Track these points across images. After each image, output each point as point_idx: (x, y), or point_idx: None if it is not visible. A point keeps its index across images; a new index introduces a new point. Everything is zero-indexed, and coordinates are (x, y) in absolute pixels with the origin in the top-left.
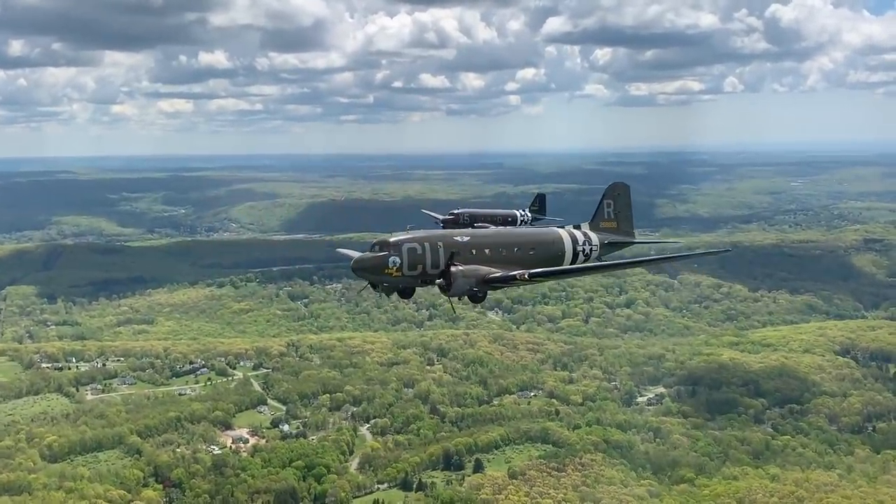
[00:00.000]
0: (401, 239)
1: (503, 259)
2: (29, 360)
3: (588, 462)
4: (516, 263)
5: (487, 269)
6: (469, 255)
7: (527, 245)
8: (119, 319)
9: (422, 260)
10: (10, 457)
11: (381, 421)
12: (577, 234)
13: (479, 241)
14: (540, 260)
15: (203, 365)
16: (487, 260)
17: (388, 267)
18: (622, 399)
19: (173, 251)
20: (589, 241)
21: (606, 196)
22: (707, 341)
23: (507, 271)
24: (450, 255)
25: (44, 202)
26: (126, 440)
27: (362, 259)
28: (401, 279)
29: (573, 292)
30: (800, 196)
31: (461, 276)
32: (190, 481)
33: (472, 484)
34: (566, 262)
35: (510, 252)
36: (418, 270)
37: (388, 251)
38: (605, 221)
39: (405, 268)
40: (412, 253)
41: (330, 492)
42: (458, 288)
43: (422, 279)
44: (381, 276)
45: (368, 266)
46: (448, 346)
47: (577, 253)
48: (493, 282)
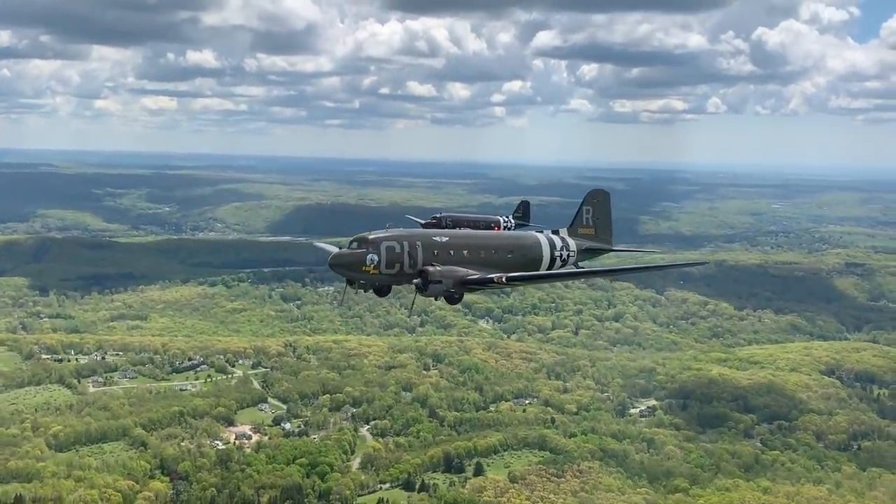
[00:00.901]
0: (379, 237)
1: (481, 261)
2: (29, 350)
3: (586, 469)
4: (494, 266)
5: (465, 271)
6: (447, 255)
7: (505, 248)
8: (112, 314)
9: (400, 259)
10: (17, 445)
11: (381, 423)
12: (556, 239)
13: (458, 242)
14: (517, 263)
15: (202, 362)
16: (465, 261)
17: (365, 264)
18: (615, 410)
19: (162, 248)
20: (567, 247)
21: (586, 202)
22: (696, 357)
23: (485, 273)
24: (418, 250)
25: (26, 194)
26: (131, 432)
27: (340, 255)
28: (378, 277)
29: (563, 304)
30: (780, 218)
31: (438, 276)
32: (196, 474)
33: (475, 486)
34: (543, 266)
35: (488, 254)
36: (396, 269)
37: (367, 248)
38: (583, 228)
39: (383, 266)
40: (390, 251)
41: (335, 489)
42: (435, 288)
43: (399, 278)
44: (358, 274)
45: (346, 263)
46: (443, 352)
47: (554, 258)
48: (471, 283)
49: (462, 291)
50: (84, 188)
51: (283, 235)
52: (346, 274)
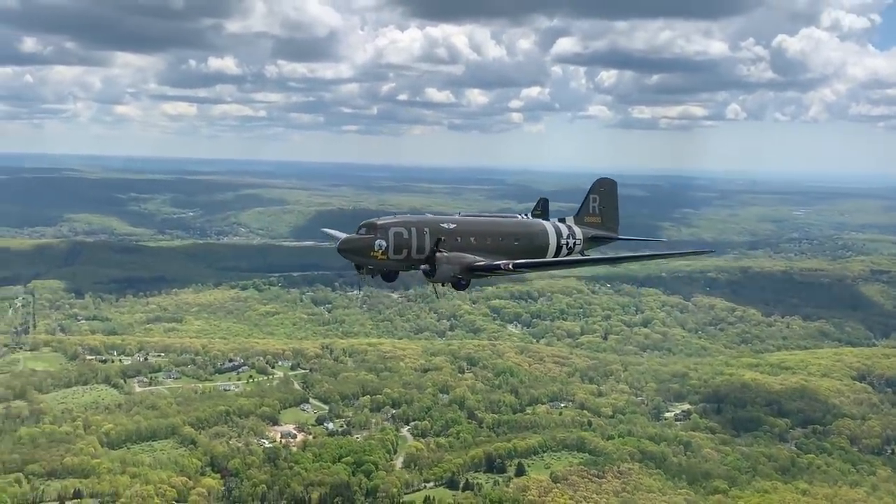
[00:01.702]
0: (388, 222)
1: (488, 248)
2: (74, 351)
3: (626, 470)
4: (501, 253)
5: (472, 258)
6: (455, 241)
7: (512, 235)
8: (148, 317)
9: (408, 244)
10: (70, 442)
11: (420, 423)
12: (562, 227)
13: (466, 228)
14: (524, 250)
15: (243, 363)
16: (473, 248)
17: (374, 250)
18: (650, 413)
19: (190, 253)
20: (573, 235)
21: (592, 191)
22: (727, 362)
23: (492, 260)
24: (436, 241)
25: (52, 199)
26: (180, 431)
27: (349, 241)
28: (386, 262)
29: (591, 309)
30: (802, 225)
31: (446, 262)
32: (246, 471)
33: (519, 486)
34: (550, 254)
35: (495, 241)
36: (403, 255)
37: (375, 234)
38: (589, 216)
39: (391, 251)
40: (398, 237)
41: (381, 487)
42: (443, 274)
43: (407, 263)
44: (366, 259)
45: (355, 248)
46: (476, 355)
47: (560, 246)
48: (478, 270)
49: (469, 277)
50: (108, 193)
51: (307, 240)
52: (355, 259)
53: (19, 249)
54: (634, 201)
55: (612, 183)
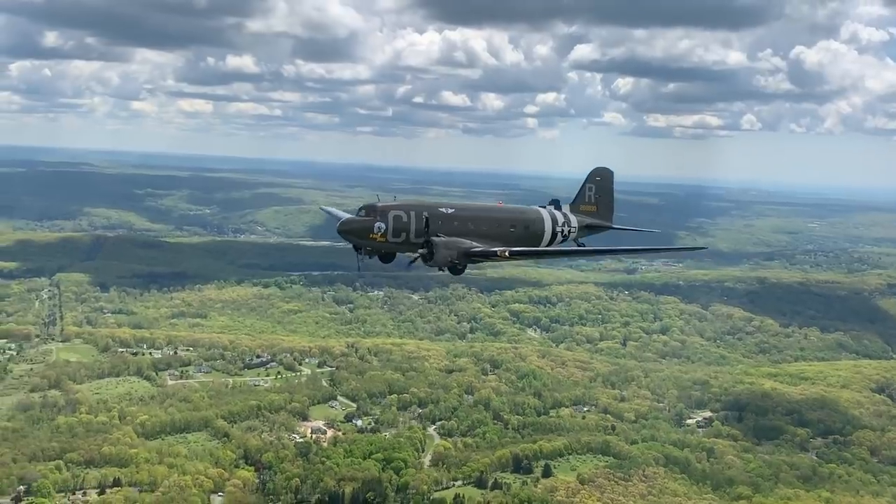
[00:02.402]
0: (387, 205)
1: (484, 233)
2: (105, 343)
3: (651, 474)
4: (497, 239)
5: (469, 243)
6: (452, 226)
7: (508, 221)
8: (173, 312)
9: (406, 227)
10: (107, 432)
11: (447, 423)
12: (558, 214)
13: (463, 214)
14: (520, 237)
15: (271, 359)
16: (470, 233)
17: (373, 232)
18: (673, 420)
19: (210, 249)
20: (568, 223)
21: (589, 180)
22: (746, 371)
23: (489, 246)
24: (425, 222)
25: (70, 193)
26: (213, 424)
27: (349, 222)
28: (384, 245)
29: (609, 315)
30: (817, 237)
31: (443, 247)
32: (280, 465)
33: (547, 487)
34: (545, 241)
35: (491, 227)
36: (402, 238)
37: (375, 217)
38: (585, 205)
39: (389, 234)
40: (398, 220)
41: (412, 484)
42: (440, 259)
43: (405, 246)
44: (365, 241)
45: (354, 230)
46: (499, 358)
47: (556, 233)
48: (475, 256)
49: (466, 263)
50: (125, 188)
51: (324, 240)
52: (354, 240)
53: (42, 242)
54: (649, 209)
55: (609, 172)
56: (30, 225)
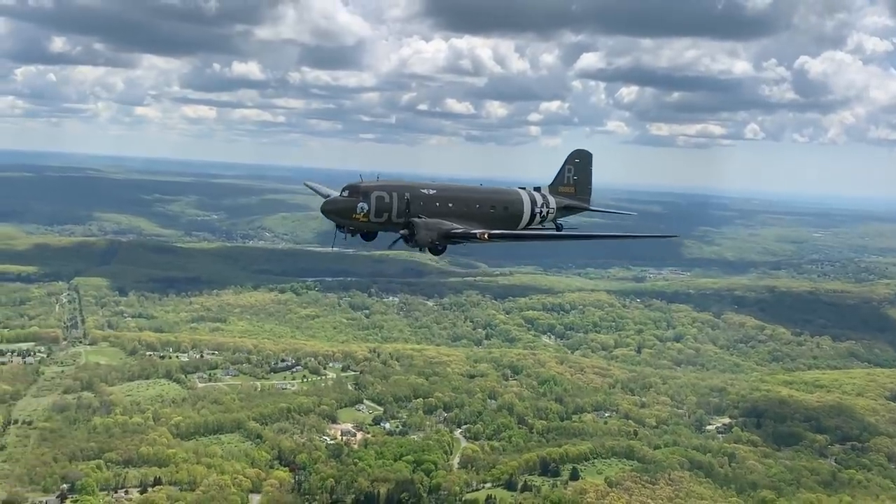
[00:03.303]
0: (370, 186)
1: (465, 214)
2: (132, 347)
3: (676, 478)
4: (477, 219)
5: (450, 225)
6: (433, 207)
7: (488, 202)
8: (192, 316)
9: (388, 208)
10: (143, 432)
11: (473, 427)
12: (537, 196)
13: (444, 194)
14: (499, 218)
15: (296, 363)
16: (451, 213)
17: (356, 212)
18: (693, 425)
19: (223, 255)
20: (547, 204)
21: (568, 162)
22: (762, 378)
23: (469, 227)
24: (405, 203)
25: (79, 198)
26: (245, 425)
27: (333, 202)
28: (367, 224)
29: (623, 323)
30: (822, 247)
31: (424, 228)
32: (313, 466)
33: (577, 489)
34: (524, 221)
35: (472, 208)
36: (384, 218)
37: (358, 197)
38: (563, 186)
39: (372, 214)
40: (380, 201)
41: (443, 485)
42: (421, 239)
43: (387, 226)
44: (348, 220)
45: (337, 209)
46: (519, 364)
47: (534, 214)
48: (455, 237)
49: (446, 244)
50: (133, 193)
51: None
52: (337, 220)
53: (58, 246)
54: (652, 217)
55: (588, 155)
56: (40, 230)
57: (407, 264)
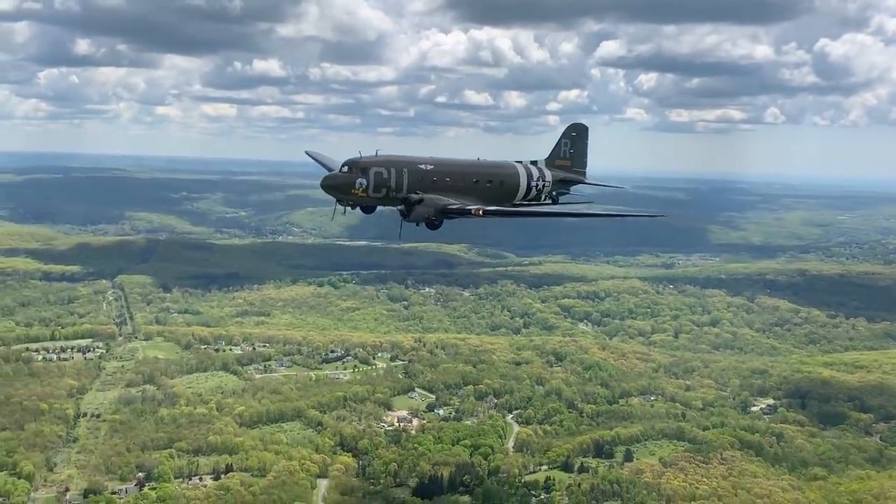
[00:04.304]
0: (369, 161)
1: (462, 189)
2: (186, 341)
3: (729, 457)
4: (474, 193)
5: (447, 200)
6: (431, 182)
7: (485, 177)
8: (237, 310)
9: (387, 183)
10: (209, 422)
11: (524, 412)
12: (533, 169)
13: (442, 169)
14: (496, 192)
15: (346, 354)
16: (448, 188)
17: (354, 187)
18: (738, 407)
19: (257, 251)
20: (543, 177)
21: (565, 135)
22: (801, 360)
23: (465, 203)
24: (405, 177)
25: (108, 198)
26: (305, 414)
27: (332, 177)
28: (366, 199)
29: (658, 309)
30: (848, 229)
31: (421, 203)
32: (375, 451)
33: (633, 469)
34: (520, 195)
35: (469, 183)
36: (382, 193)
37: (357, 173)
38: (559, 159)
39: (371, 190)
40: (378, 176)
41: (502, 468)
42: (417, 215)
43: (385, 201)
44: (347, 196)
45: (337, 185)
46: (562, 350)
47: (531, 187)
48: (451, 213)
49: (442, 219)
50: (160, 192)
51: (360, 240)
52: (336, 195)
53: (98, 246)
54: (676, 204)
55: (584, 128)
56: (75, 230)
57: (437, 256)
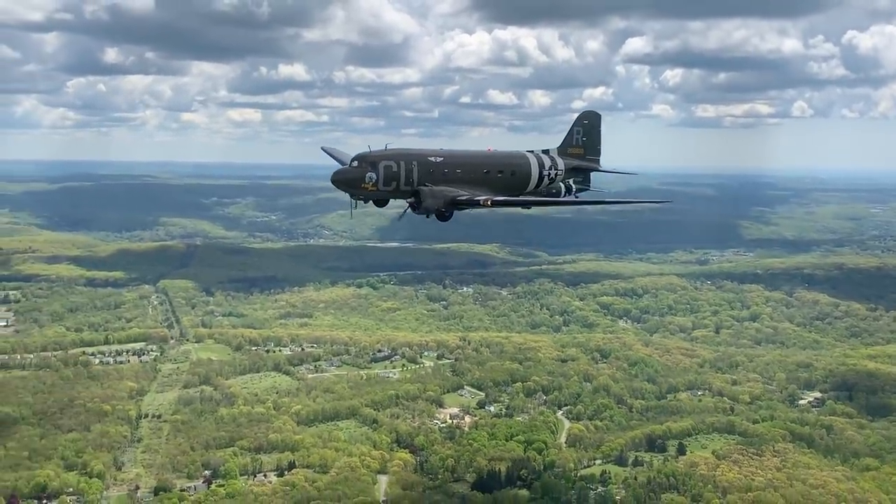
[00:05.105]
0: (378, 155)
1: (473, 180)
2: (237, 343)
3: (781, 450)
4: (485, 184)
5: (455, 192)
6: (441, 174)
7: (495, 167)
8: (280, 312)
9: (396, 177)
10: (268, 421)
11: (573, 408)
12: (545, 158)
13: (452, 161)
14: (507, 182)
15: (393, 353)
16: (458, 180)
17: (364, 182)
18: (786, 400)
19: (292, 254)
20: (555, 166)
21: (577, 123)
22: (845, 353)
23: (474, 194)
24: (415, 170)
25: (140, 204)
26: (360, 412)
27: (342, 172)
28: (376, 193)
29: (697, 305)
30: (881, 223)
31: (430, 196)
32: (431, 447)
33: (688, 462)
34: (532, 184)
35: (480, 174)
36: (392, 186)
37: (366, 167)
38: (573, 148)
39: (380, 183)
40: (388, 170)
41: (557, 463)
42: (428, 206)
43: (396, 194)
44: (357, 190)
45: (347, 179)
46: (605, 347)
47: (542, 176)
48: (460, 204)
49: (452, 210)
50: (191, 198)
51: (391, 242)
52: (347, 190)
53: (139, 252)
54: (705, 200)
55: (597, 116)
56: (111, 236)
57: (470, 256)
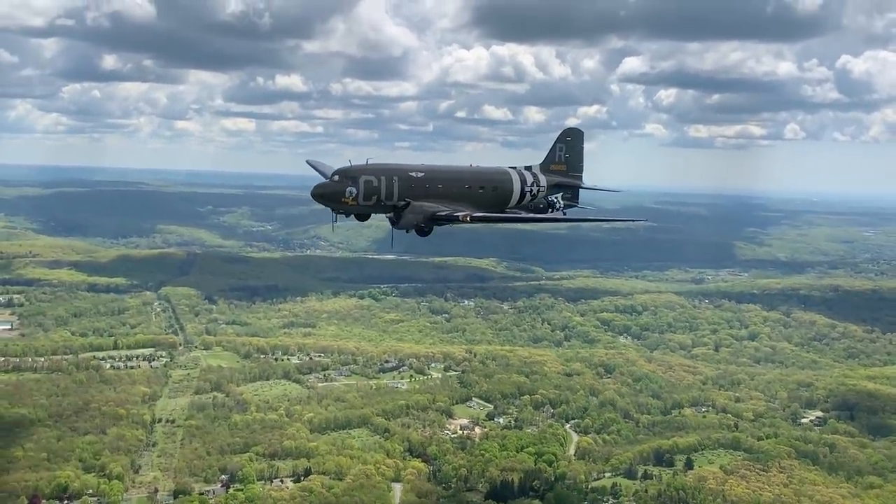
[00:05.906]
0: (359, 171)
1: (454, 195)
2: (246, 350)
3: (787, 466)
4: (466, 200)
5: (435, 207)
6: (423, 189)
7: (477, 183)
8: (283, 322)
9: (377, 191)
10: (282, 428)
11: (581, 422)
12: (527, 174)
13: (433, 176)
14: (488, 198)
15: (401, 364)
16: (440, 195)
17: (345, 196)
18: (788, 418)
19: (291, 264)
20: (537, 182)
21: (560, 140)
22: (845, 374)
23: (454, 210)
24: (395, 185)
25: (136, 211)
26: (371, 421)
27: (323, 186)
28: (356, 207)
29: (697, 323)
30: (873, 246)
31: (409, 211)
32: (443, 457)
33: (697, 476)
34: (514, 200)
35: (461, 189)
36: (373, 201)
37: (346, 181)
38: (555, 164)
39: (360, 198)
40: (368, 185)
41: (568, 475)
42: (407, 222)
43: (376, 209)
44: (337, 204)
45: (327, 194)
46: (609, 362)
47: (524, 193)
48: (440, 219)
49: (431, 225)
50: (186, 206)
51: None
52: (328, 204)
53: (139, 258)
54: (698, 220)
55: (579, 133)
56: (107, 242)
57: (468, 270)
